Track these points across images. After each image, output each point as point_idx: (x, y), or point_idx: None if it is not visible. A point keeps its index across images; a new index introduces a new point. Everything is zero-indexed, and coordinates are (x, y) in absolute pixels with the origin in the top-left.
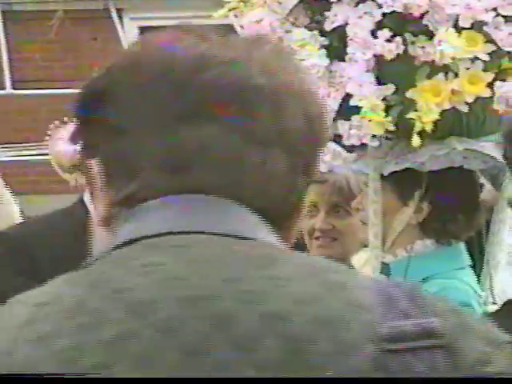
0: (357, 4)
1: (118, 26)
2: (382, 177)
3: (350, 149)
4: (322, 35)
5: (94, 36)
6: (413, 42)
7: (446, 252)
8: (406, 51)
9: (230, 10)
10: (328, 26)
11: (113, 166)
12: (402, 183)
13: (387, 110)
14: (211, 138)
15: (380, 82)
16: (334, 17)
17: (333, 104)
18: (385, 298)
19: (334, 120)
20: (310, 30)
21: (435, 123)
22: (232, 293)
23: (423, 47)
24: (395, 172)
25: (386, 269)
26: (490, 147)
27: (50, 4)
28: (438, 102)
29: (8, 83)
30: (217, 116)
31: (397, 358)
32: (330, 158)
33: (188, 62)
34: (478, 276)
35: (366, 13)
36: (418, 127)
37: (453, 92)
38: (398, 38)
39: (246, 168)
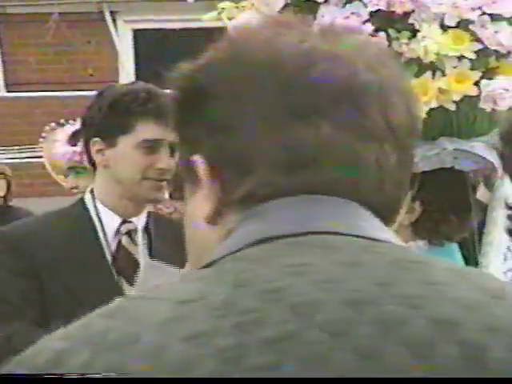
0: (344, 4)
1: (112, 29)
2: None
3: None
4: None
5: (88, 39)
6: (397, 38)
7: (438, 253)
8: (389, 47)
9: (220, 13)
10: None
11: (220, 163)
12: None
13: None
14: (327, 136)
15: None
16: (322, 18)
17: None
18: None
19: None
20: None
21: (425, 123)
22: (392, 297)
23: (407, 43)
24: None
25: None
26: (481, 148)
27: (45, 7)
28: (425, 101)
29: (1, 86)
30: (329, 113)
31: None
32: None
33: (295, 58)
34: None
35: (353, 13)
36: None
37: (440, 90)
38: (382, 34)
39: (362, 166)
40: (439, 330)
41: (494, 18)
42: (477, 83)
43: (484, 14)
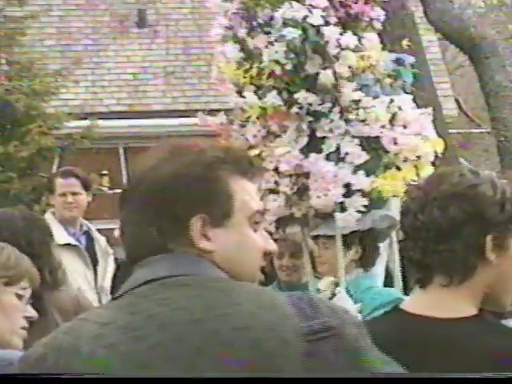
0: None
1: None
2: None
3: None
4: None
5: None
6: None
7: (371, 274)
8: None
9: None
10: None
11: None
12: (351, 237)
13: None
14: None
15: None
16: None
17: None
18: (296, 306)
19: None
20: None
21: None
22: (215, 315)
23: None
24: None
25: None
26: (387, 214)
27: None
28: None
29: None
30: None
31: (314, 344)
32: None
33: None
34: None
35: None
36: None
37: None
38: None
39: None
40: (238, 332)
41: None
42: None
43: None
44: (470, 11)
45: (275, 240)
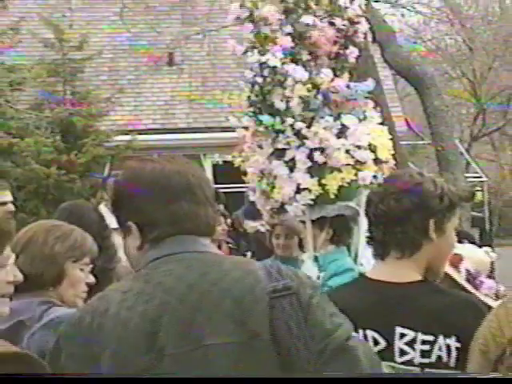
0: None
1: None
2: (312, 220)
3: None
4: None
5: None
6: None
7: (339, 249)
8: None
9: None
10: None
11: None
12: (321, 222)
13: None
14: (187, 208)
15: None
16: None
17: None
18: (267, 272)
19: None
20: None
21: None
22: (207, 280)
23: None
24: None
25: (316, 258)
26: (354, 204)
27: None
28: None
29: None
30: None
31: (277, 301)
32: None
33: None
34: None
35: None
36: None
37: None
38: None
39: (199, 219)
40: (224, 292)
41: None
42: None
43: None
44: (415, 53)
45: (275, 224)
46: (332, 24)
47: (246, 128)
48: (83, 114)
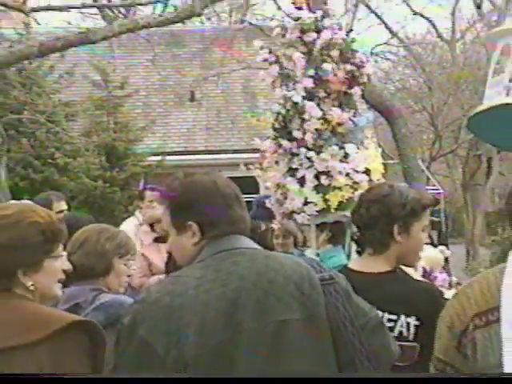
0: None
1: None
2: (316, 225)
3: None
4: None
5: None
6: None
7: (336, 248)
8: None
9: None
10: None
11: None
12: (323, 226)
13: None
14: (238, 214)
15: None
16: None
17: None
18: (311, 266)
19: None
20: None
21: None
22: (269, 268)
23: None
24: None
25: (318, 254)
26: (347, 214)
27: None
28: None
29: None
30: (234, 205)
31: (326, 287)
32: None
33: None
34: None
35: None
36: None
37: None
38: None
39: (247, 224)
40: (287, 280)
41: None
42: None
43: None
44: (386, 91)
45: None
46: (343, 68)
47: (263, 151)
48: (123, 140)
